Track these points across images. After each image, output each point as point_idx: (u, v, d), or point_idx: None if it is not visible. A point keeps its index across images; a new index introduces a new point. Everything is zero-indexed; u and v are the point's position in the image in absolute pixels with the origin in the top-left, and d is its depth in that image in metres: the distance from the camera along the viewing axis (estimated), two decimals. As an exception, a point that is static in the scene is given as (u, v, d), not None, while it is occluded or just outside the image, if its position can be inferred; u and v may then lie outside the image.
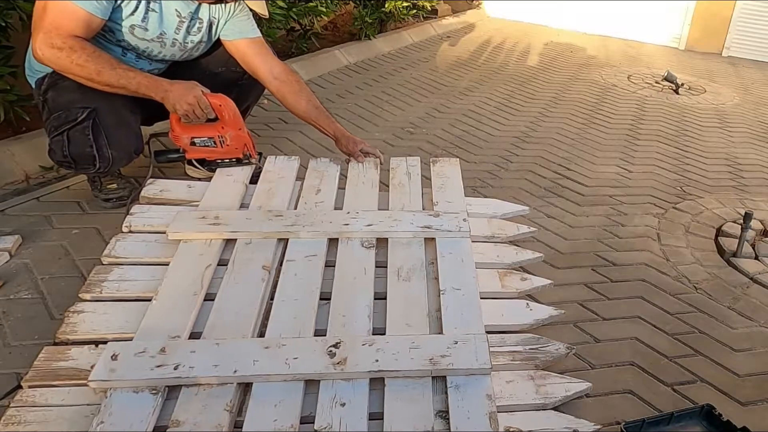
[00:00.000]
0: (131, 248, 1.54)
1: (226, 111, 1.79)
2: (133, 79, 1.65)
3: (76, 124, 1.65)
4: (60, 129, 1.66)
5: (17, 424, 1.11)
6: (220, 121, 1.80)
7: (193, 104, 1.69)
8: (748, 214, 2.09)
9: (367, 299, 1.42)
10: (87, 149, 1.66)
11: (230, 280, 1.44)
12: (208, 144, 1.84)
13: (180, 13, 1.78)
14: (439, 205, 1.80)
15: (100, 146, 1.67)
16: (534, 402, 1.26)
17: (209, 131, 1.82)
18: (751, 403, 1.47)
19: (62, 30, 1.56)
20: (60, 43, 1.56)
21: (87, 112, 1.65)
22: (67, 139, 1.65)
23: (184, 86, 1.70)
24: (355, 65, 3.98)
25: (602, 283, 1.89)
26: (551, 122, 3.36)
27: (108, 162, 1.70)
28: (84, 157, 1.67)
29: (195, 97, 1.69)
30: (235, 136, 1.84)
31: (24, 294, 1.54)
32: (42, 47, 1.57)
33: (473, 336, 1.31)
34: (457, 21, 5.79)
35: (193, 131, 1.82)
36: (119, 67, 1.65)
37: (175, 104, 1.69)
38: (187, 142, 1.83)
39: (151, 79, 1.69)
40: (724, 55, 5.72)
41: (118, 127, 1.71)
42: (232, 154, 1.87)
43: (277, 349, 1.23)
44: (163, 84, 1.69)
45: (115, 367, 1.16)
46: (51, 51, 1.57)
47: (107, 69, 1.61)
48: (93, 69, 1.60)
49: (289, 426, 1.10)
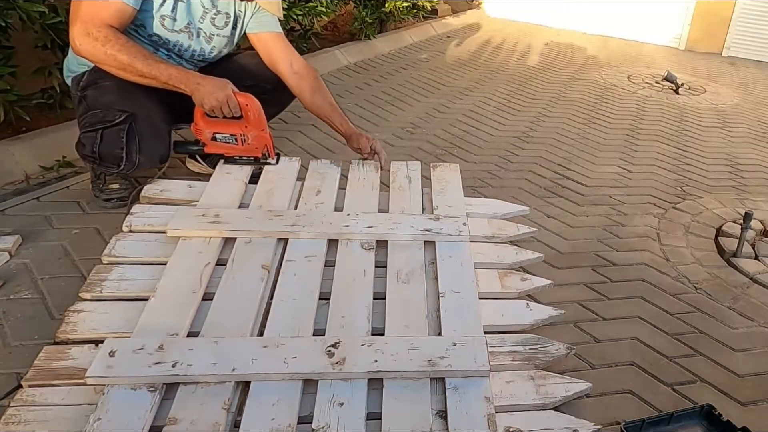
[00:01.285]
0: (131, 248, 1.54)
1: (252, 111, 1.81)
2: (164, 70, 1.69)
3: (113, 125, 1.69)
4: (95, 126, 1.70)
5: (17, 423, 1.10)
6: (245, 119, 1.82)
7: (222, 101, 1.73)
8: (748, 214, 2.09)
9: (367, 300, 1.42)
10: (117, 150, 1.70)
11: (229, 278, 1.44)
12: (229, 141, 1.86)
13: (205, 4, 1.83)
14: (439, 209, 1.80)
15: (131, 151, 1.71)
16: (534, 402, 1.26)
17: (232, 128, 1.84)
18: (751, 403, 1.47)
19: (97, 19, 1.62)
20: (95, 32, 1.61)
21: (125, 116, 1.70)
22: (101, 137, 1.69)
23: (215, 82, 1.74)
24: (355, 65, 3.98)
25: (602, 283, 1.89)
26: (551, 122, 3.36)
27: (133, 165, 1.73)
28: (112, 157, 1.71)
29: (226, 95, 1.73)
30: (257, 135, 1.86)
31: (24, 294, 1.54)
32: (79, 36, 1.62)
33: (472, 338, 1.31)
34: (457, 21, 5.79)
35: (216, 127, 1.84)
36: (151, 58, 1.69)
37: (204, 99, 1.72)
38: (209, 136, 1.85)
39: (182, 72, 1.73)
40: (724, 55, 5.72)
41: (152, 136, 1.76)
42: (252, 153, 1.89)
43: (275, 348, 1.23)
44: (195, 77, 1.73)
45: (112, 364, 1.16)
46: (87, 40, 1.62)
47: (139, 59, 1.66)
48: (125, 59, 1.64)
49: (287, 425, 1.10)
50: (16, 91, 2.10)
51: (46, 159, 2.11)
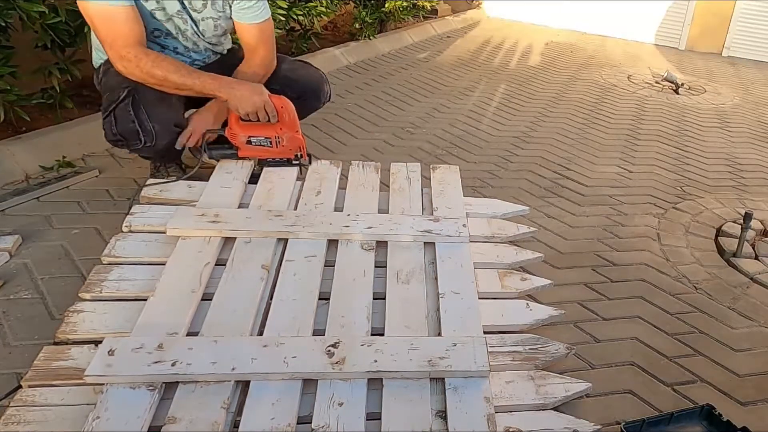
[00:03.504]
0: (131, 248, 1.54)
1: (287, 113, 1.82)
2: (197, 78, 1.71)
3: (119, 102, 1.71)
4: (107, 110, 1.73)
5: (17, 423, 1.10)
6: (280, 122, 1.83)
7: (259, 106, 1.74)
8: (748, 214, 2.09)
9: (366, 301, 1.42)
10: (130, 125, 1.71)
11: (229, 278, 1.44)
12: (264, 144, 1.86)
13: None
14: (439, 211, 1.80)
15: (142, 121, 1.71)
16: (534, 402, 1.26)
17: (267, 131, 1.85)
18: (751, 403, 1.47)
19: (120, 39, 1.65)
20: (125, 53, 1.65)
21: (127, 91, 1.71)
22: (114, 118, 1.71)
23: (250, 87, 1.74)
24: (355, 65, 3.98)
25: (602, 283, 1.89)
26: (551, 122, 3.36)
27: (152, 136, 1.73)
28: (129, 133, 1.72)
29: (262, 99, 1.74)
30: (291, 137, 1.86)
31: (24, 294, 1.54)
32: (116, 61, 1.68)
33: (472, 338, 1.31)
34: (457, 21, 5.79)
35: (251, 130, 1.84)
36: (184, 69, 1.71)
37: (240, 104, 1.73)
38: (243, 140, 1.86)
39: (215, 78, 1.74)
40: (724, 55, 5.72)
41: (156, 102, 1.75)
42: (285, 155, 1.90)
43: (275, 347, 1.23)
44: (229, 83, 1.74)
45: (111, 363, 1.16)
46: (122, 63, 1.66)
47: (172, 72, 1.68)
48: (160, 73, 1.67)
49: (287, 425, 1.10)
50: (16, 91, 2.10)
51: (46, 159, 2.11)
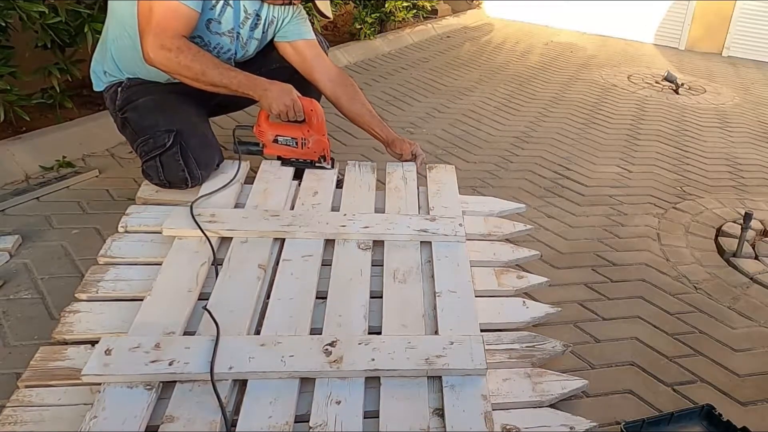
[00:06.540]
0: (127, 248, 1.54)
1: (316, 116, 1.84)
2: (234, 78, 1.72)
3: (166, 150, 1.72)
4: (151, 154, 1.73)
5: (13, 423, 1.10)
6: (307, 124, 1.85)
7: (289, 106, 1.76)
8: (748, 214, 2.09)
9: (363, 300, 1.42)
10: (180, 173, 1.73)
11: (226, 277, 1.44)
12: (290, 143, 1.89)
13: (247, 9, 1.84)
14: (435, 210, 1.80)
15: (191, 169, 1.74)
16: (530, 399, 1.25)
17: (295, 132, 1.87)
18: (751, 403, 1.46)
19: (169, 31, 1.64)
20: (169, 44, 1.64)
21: (173, 137, 1.72)
22: (161, 164, 1.72)
23: (281, 87, 1.77)
24: (355, 65, 3.98)
25: (602, 283, 1.89)
26: (551, 122, 3.36)
27: (198, 180, 1.77)
28: (178, 180, 1.75)
29: (292, 99, 1.77)
30: (317, 140, 1.88)
31: (24, 294, 1.54)
32: (153, 49, 1.64)
33: (469, 337, 1.30)
34: (457, 21, 5.79)
35: (279, 129, 1.87)
36: (221, 66, 1.72)
37: (272, 103, 1.75)
38: (271, 138, 1.88)
39: (250, 78, 1.75)
40: (724, 55, 5.71)
41: (203, 147, 1.78)
42: (309, 156, 1.91)
43: (272, 346, 1.23)
44: (262, 83, 1.76)
45: (108, 362, 1.16)
46: (162, 53, 1.64)
47: (210, 68, 1.69)
48: (198, 69, 1.67)
49: (284, 423, 1.10)
50: (16, 91, 2.11)
51: (46, 159, 2.12)
